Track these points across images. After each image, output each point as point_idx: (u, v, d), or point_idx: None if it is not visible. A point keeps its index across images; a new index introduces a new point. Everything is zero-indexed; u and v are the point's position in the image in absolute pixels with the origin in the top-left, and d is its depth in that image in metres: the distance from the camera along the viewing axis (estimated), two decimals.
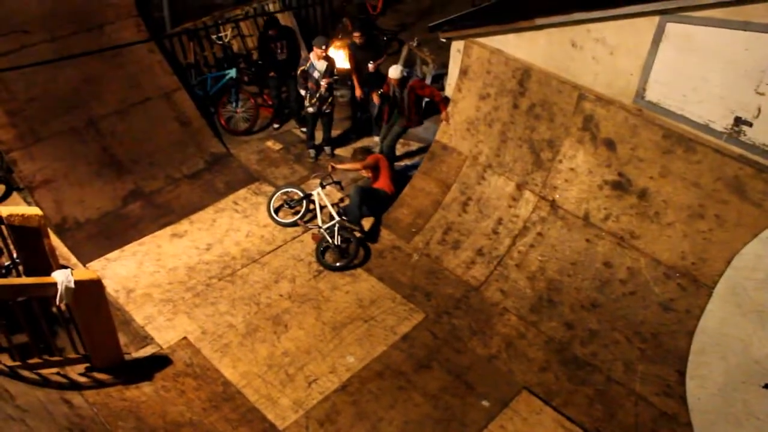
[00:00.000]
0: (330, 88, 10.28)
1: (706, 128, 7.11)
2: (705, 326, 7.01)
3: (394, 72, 9.58)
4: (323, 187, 9.49)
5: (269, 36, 10.84)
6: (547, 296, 8.00)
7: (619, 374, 7.24)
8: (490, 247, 8.61)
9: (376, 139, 11.06)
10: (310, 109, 10.43)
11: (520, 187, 8.63)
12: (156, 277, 8.44)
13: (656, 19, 7.04)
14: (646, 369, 7.21)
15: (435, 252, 8.88)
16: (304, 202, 9.48)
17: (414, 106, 9.76)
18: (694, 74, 7.00)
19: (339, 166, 9.52)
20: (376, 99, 10.13)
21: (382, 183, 9.50)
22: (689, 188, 7.24)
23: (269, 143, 11.33)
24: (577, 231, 8.06)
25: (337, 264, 8.66)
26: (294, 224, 9.35)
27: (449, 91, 9.51)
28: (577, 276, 7.90)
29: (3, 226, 6.79)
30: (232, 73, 11.49)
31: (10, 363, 6.17)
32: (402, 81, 9.61)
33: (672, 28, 6.99)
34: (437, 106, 9.58)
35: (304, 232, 9.30)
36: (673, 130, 7.29)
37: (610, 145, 7.81)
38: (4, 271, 7.29)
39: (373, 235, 9.28)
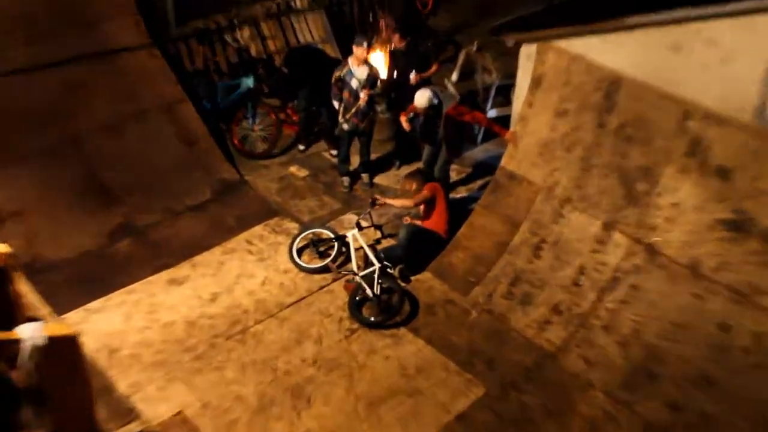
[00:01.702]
0: (371, 101, 10.40)
1: None
2: None
3: (421, 99, 9.75)
4: (360, 228, 9.56)
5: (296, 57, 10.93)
6: (645, 368, 7.79)
7: None
8: (570, 302, 8.51)
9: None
10: (345, 126, 10.55)
11: (607, 226, 8.53)
12: (147, 334, 8.41)
13: None
14: None
15: (499, 308, 8.83)
16: (336, 244, 9.56)
17: (454, 135, 9.91)
18: None
19: (386, 201, 9.53)
20: (405, 123, 10.14)
21: (436, 222, 9.55)
22: None
23: (293, 169, 11.45)
24: (682, 283, 7.88)
25: (376, 320, 8.64)
26: (322, 270, 9.40)
27: (517, 106, 9.54)
28: (683, 342, 7.70)
29: None
30: (249, 82, 11.73)
31: None
32: (434, 108, 9.78)
33: None
34: (492, 129, 9.69)
35: (334, 281, 9.30)
36: None
37: (723, 174, 7.68)
38: None
39: (421, 285, 9.26)
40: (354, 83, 10.20)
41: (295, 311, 8.84)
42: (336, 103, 10.47)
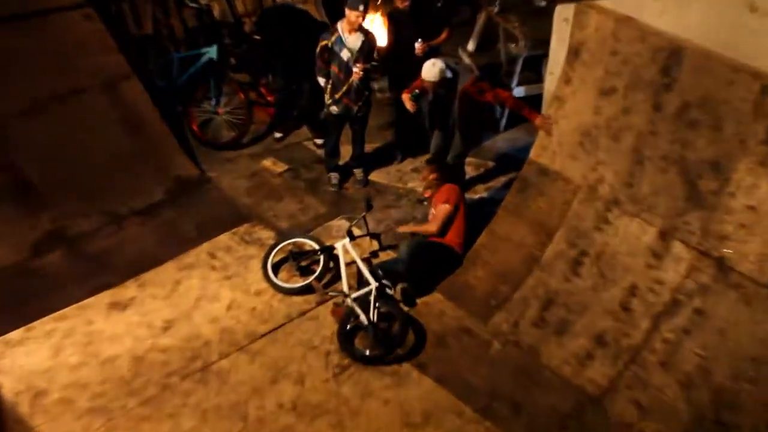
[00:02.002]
0: (366, 77, 10.41)
1: None
2: None
3: (430, 72, 9.74)
4: (352, 238, 9.55)
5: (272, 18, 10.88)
6: (714, 415, 7.77)
7: None
8: (618, 332, 8.51)
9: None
10: (334, 109, 10.60)
11: (665, 235, 8.49)
12: (83, 373, 8.34)
13: None
14: None
15: (528, 338, 8.83)
16: (322, 257, 9.61)
17: (471, 119, 9.97)
18: None
19: (406, 229, 9.96)
20: (408, 103, 10.11)
21: (452, 236, 9.66)
22: None
23: (267, 162, 11.56)
24: (760, 308, 7.86)
25: (372, 354, 8.64)
26: (305, 290, 9.43)
27: (551, 82, 9.59)
28: (763, 383, 7.67)
29: None
30: (212, 52, 11.83)
31: None
32: (446, 84, 9.77)
33: None
34: (519, 112, 9.69)
35: (319, 304, 9.32)
36: None
37: None
38: None
39: (429, 310, 9.25)
40: (345, 54, 10.21)
41: (270, 343, 8.81)
42: (322, 80, 10.50)
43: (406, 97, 10.04)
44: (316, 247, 9.65)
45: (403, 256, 9.25)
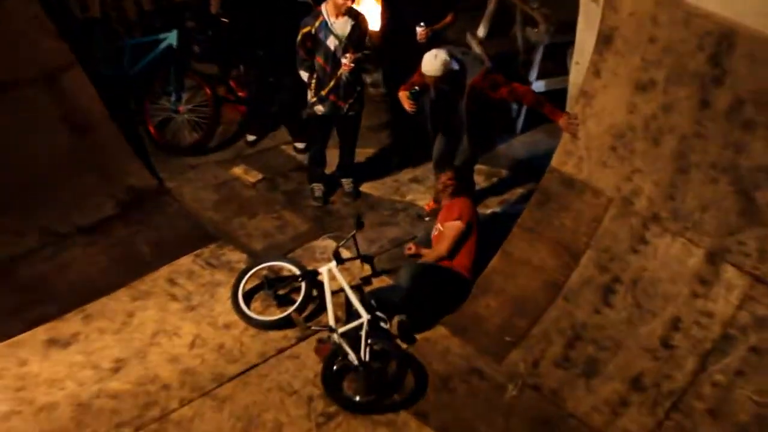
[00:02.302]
0: (357, 70, 10.44)
1: None
2: None
3: (432, 64, 9.71)
4: (340, 261, 9.59)
5: None
6: None
7: None
8: (658, 373, 8.48)
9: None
10: (319, 108, 10.59)
11: (715, 258, 8.46)
12: (14, 424, 8.24)
13: None
14: None
15: (551, 382, 8.80)
16: (304, 284, 9.59)
17: (481, 118, 10.03)
18: None
19: (419, 250, 9.99)
20: (406, 102, 10.15)
21: (461, 260, 9.75)
22: None
23: (238, 170, 11.58)
24: None
25: (364, 400, 8.63)
26: (283, 324, 9.42)
27: (577, 75, 9.67)
28: None
29: None
30: (171, 38, 11.80)
31: None
32: (451, 78, 9.76)
33: None
34: (539, 111, 9.73)
35: (300, 340, 9.31)
36: None
37: None
38: None
39: (432, 347, 9.26)
40: (332, 43, 10.23)
41: (241, 387, 8.78)
42: (304, 75, 10.52)
43: (403, 96, 10.09)
44: (297, 272, 9.61)
45: (404, 282, 9.22)
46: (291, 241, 10.46)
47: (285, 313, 9.43)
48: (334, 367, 8.77)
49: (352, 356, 8.71)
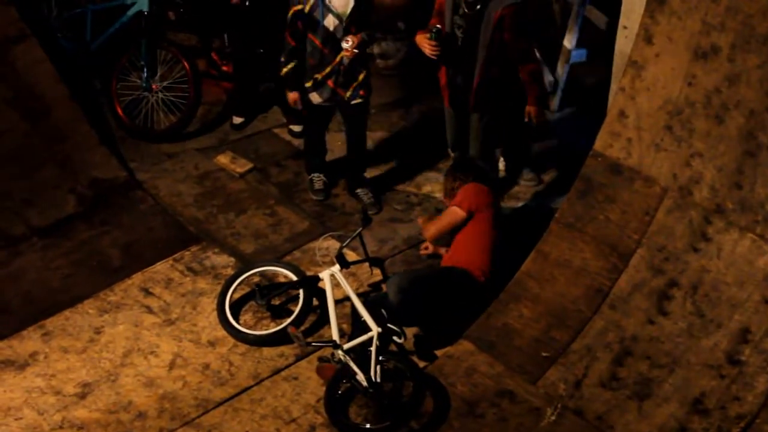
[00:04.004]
0: (363, 54, 10.24)
1: None
2: None
3: None
4: (345, 265, 9.44)
5: None
6: None
7: None
8: (723, 394, 8.16)
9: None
10: (315, 97, 10.36)
11: None
12: None
13: None
14: None
15: (595, 404, 8.48)
16: (302, 292, 9.45)
17: (508, 58, 10.03)
18: None
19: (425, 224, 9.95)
20: (426, 44, 9.97)
21: (470, 258, 9.49)
22: None
23: (224, 159, 11.53)
24: None
25: (374, 428, 8.43)
26: (278, 339, 9.28)
27: (624, 41, 9.67)
28: None
29: None
30: (142, 3, 11.70)
31: None
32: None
33: None
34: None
35: (300, 358, 9.19)
36: None
37: None
38: None
39: (455, 365, 9.01)
40: (330, 23, 9.95)
41: (230, 414, 8.62)
42: (288, 64, 10.27)
43: (422, 39, 10.05)
44: (294, 278, 9.49)
45: (392, 297, 9.08)
46: (287, 242, 10.40)
47: (280, 327, 9.27)
48: (340, 391, 8.59)
49: (360, 377, 8.53)
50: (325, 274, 9.30)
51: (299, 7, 9.97)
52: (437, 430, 8.38)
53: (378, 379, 8.45)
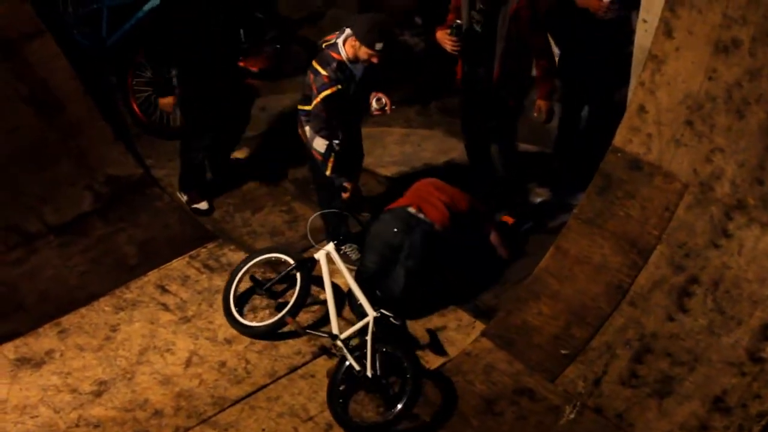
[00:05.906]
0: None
1: None
2: None
3: None
4: (340, 243, 9.74)
5: None
6: None
7: None
8: (745, 391, 8.16)
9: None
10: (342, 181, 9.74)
11: None
12: None
13: None
14: None
15: (615, 402, 8.55)
16: (299, 275, 9.43)
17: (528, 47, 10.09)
18: None
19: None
20: (446, 40, 10.00)
21: (435, 209, 9.58)
22: None
23: (240, 154, 11.53)
24: None
25: (375, 421, 8.58)
26: (277, 329, 9.35)
27: (644, 34, 9.58)
28: None
29: None
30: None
31: None
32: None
33: None
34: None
35: (316, 356, 9.26)
36: None
37: None
38: None
39: (471, 363, 9.12)
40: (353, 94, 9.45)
41: (246, 413, 8.65)
42: (322, 143, 9.41)
43: (442, 35, 10.02)
44: (291, 261, 9.48)
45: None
46: (303, 239, 10.18)
47: (277, 318, 9.35)
48: (337, 383, 8.68)
49: (357, 367, 8.67)
50: (320, 254, 9.34)
51: (333, 88, 9.09)
52: (446, 422, 8.48)
53: (375, 370, 8.54)
